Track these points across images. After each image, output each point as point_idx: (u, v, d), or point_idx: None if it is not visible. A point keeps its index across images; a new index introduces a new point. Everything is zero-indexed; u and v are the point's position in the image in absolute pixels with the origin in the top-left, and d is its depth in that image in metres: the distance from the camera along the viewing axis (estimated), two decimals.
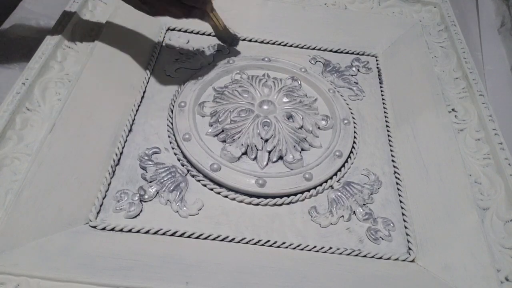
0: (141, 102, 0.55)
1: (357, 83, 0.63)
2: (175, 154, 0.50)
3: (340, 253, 0.44)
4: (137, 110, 0.54)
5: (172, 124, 0.53)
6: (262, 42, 0.66)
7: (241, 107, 0.54)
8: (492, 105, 0.55)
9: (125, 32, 0.59)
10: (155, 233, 0.43)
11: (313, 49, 0.67)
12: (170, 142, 0.51)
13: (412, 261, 0.44)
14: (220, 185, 0.48)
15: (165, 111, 0.55)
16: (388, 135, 0.56)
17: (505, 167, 0.48)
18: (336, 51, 0.67)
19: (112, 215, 0.44)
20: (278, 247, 0.44)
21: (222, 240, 0.44)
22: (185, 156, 0.50)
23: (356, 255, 0.44)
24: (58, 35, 0.53)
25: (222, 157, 0.50)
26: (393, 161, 0.53)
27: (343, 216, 0.47)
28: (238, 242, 0.44)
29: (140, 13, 0.51)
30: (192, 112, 0.54)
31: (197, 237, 0.44)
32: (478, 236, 0.43)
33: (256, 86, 0.58)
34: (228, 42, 0.64)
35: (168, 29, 0.65)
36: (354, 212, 0.48)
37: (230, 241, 0.44)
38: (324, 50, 0.67)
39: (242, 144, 0.51)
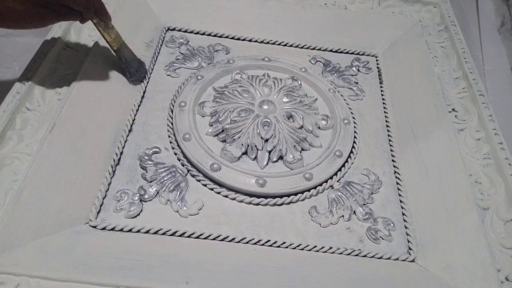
0: (141, 102, 0.55)
1: (357, 83, 0.63)
2: (175, 154, 0.50)
3: (340, 253, 0.44)
4: (137, 110, 0.54)
5: (172, 124, 0.53)
6: (262, 42, 0.66)
7: (241, 107, 0.54)
8: (492, 105, 0.55)
9: (125, 32, 0.59)
10: (155, 233, 0.43)
11: (313, 49, 0.67)
12: (170, 142, 0.51)
13: (412, 261, 0.44)
14: (220, 185, 0.48)
15: (165, 111, 0.55)
16: (388, 135, 0.56)
17: (505, 167, 0.48)
18: (336, 51, 0.67)
19: (112, 215, 0.44)
20: (278, 247, 0.44)
21: (222, 240, 0.44)
22: (185, 156, 0.50)
23: (356, 255, 0.44)
24: (58, 35, 0.53)
25: (222, 157, 0.50)
26: (393, 161, 0.53)
27: (343, 216, 0.47)
28: (238, 242, 0.44)
29: (140, 13, 0.51)
30: (192, 112, 0.54)
31: (197, 237, 0.44)
32: (478, 236, 0.43)
33: (256, 86, 0.58)
34: (130, 68, 0.53)
35: (168, 29, 0.65)
36: (354, 212, 0.48)
37: (230, 241, 0.44)
38: (324, 50, 0.67)
39: (242, 144, 0.51)
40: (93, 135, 0.48)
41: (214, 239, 0.44)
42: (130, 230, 0.43)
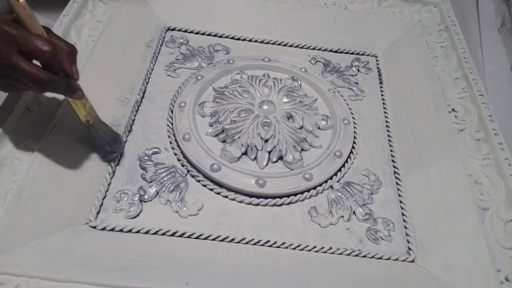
0: (141, 102, 0.55)
1: (357, 83, 0.63)
2: (175, 154, 0.50)
3: (340, 253, 0.44)
4: (137, 110, 0.54)
5: (172, 124, 0.53)
6: (262, 42, 0.66)
7: (241, 107, 0.54)
8: (492, 105, 0.55)
9: (125, 32, 0.59)
10: (155, 233, 0.43)
11: (313, 49, 0.67)
12: (170, 142, 0.51)
13: (412, 261, 0.44)
14: (220, 185, 0.48)
15: (165, 111, 0.55)
16: (388, 135, 0.56)
17: (505, 167, 0.48)
18: (336, 51, 0.67)
19: (112, 215, 0.44)
20: (278, 247, 0.44)
21: (222, 240, 0.44)
22: (185, 156, 0.50)
23: (356, 255, 0.44)
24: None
25: (222, 157, 0.50)
26: (393, 161, 0.53)
27: (343, 216, 0.47)
28: (238, 242, 0.44)
29: (140, 13, 0.51)
30: (192, 112, 0.54)
31: (197, 237, 0.43)
32: (478, 236, 0.43)
33: (256, 86, 0.58)
34: (106, 145, 0.47)
35: (168, 29, 0.65)
36: (354, 212, 0.48)
37: (230, 241, 0.44)
38: (324, 50, 0.67)
39: (242, 144, 0.51)
40: None
41: (214, 239, 0.44)
42: (130, 231, 0.43)
